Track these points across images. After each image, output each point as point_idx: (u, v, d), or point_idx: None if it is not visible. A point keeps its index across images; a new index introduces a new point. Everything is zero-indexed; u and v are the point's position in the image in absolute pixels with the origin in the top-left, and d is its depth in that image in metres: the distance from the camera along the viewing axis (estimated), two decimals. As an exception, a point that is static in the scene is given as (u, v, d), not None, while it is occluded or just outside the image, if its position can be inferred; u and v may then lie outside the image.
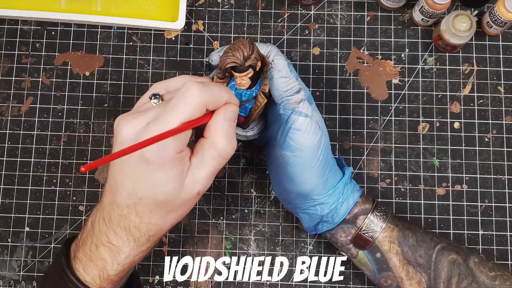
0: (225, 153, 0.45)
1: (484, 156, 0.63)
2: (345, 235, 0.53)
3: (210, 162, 0.44)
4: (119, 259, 0.45)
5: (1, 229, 0.62)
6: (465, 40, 0.61)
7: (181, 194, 0.44)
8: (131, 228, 0.44)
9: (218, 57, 0.52)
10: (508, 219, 0.62)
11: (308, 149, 0.49)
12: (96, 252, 0.45)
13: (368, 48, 0.66)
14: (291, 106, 0.49)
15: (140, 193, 0.43)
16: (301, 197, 0.52)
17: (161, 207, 0.44)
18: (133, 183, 0.43)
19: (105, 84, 0.65)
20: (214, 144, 0.44)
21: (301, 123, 0.49)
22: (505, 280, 0.52)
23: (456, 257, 0.52)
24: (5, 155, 0.64)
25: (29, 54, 0.66)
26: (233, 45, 0.48)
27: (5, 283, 0.61)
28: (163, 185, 0.43)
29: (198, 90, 0.42)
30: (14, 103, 0.65)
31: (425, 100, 0.64)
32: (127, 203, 0.44)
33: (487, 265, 0.52)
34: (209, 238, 0.62)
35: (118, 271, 0.45)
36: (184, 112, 0.42)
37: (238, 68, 0.48)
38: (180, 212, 0.46)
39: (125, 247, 0.45)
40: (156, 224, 0.45)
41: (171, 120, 0.41)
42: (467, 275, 0.52)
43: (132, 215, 0.44)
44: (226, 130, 0.44)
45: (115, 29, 0.67)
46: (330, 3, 0.67)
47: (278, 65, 0.49)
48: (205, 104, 0.43)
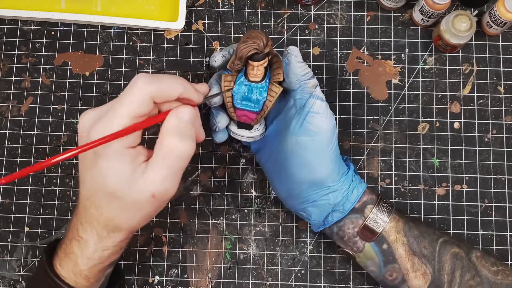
0: (179, 153, 0.44)
1: (484, 156, 0.63)
2: (353, 226, 0.53)
3: (162, 162, 0.43)
4: (87, 253, 0.46)
5: (1, 229, 0.62)
6: (465, 40, 0.61)
7: (131, 190, 0.43)
8: (93, 220, 0.45)
9: (221, 56, 0.53)
10: (508, 219, 0.62)
11: (325, 133, 0.51)
12: (70, 246, 0.47)
13: (368, 48, 0.66)
14: (309, 89, 0.51)
15: (95, 185, 0.44)
16: (314, 186, 0.52)
17: (114, 200, 0.44)
18: (90, 175, 0.44)
19: (105, 84, 0.65)
20: (166, 144, 0.44)
21: (319, 106, 0.51)
22: (507, 275, 0.52)
23: (458, 250, 0.53)
24: (5, 155, 0.64)
25: (29, 54, 0.66)
26: (249, 34, 0.50)
27: (5, 283, 0.61)
28: (110, 177, 0.43)
29: (145, 82, 0.43)
30: (14, 103, 0.65)
31: (425, 100, 0.64)
32: (87, 195, 0.45)
33: (489, 260, 0.53)
34: (209, 238, 0.62)
35: (89, 266, 0.47)
36: (130, 105, 0.42)
37: (257, 56, 0.50)
38: (139, 214, 0.45)
39: (90, 240, 0.46)
40: (113, 219, 0.45)
41: (118, 114, 0.42)
42: (469, 269, 0.52)
43: (92, 207, 0.45)
44: (178, 129, 0.44)
45: (115, 29, 0.67)
46: (330, 3, 0.67)
47: (293, 50, 0.52)
48: (152, 95, 0.43)
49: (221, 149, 0.64)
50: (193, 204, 0.63)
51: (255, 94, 0.52)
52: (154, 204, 0.45)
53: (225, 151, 0.64)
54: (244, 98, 0.52)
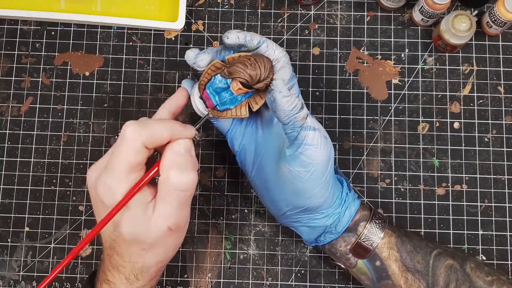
0: (182, 185, 0.44)
1: (484, 156, 0.63)
2: (345, 244, 0.53)
3: (169, 198, 0.45)
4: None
5: (1, 229, 0.62)
6: (465, 40, 0.61)
7: (149, 232, 0.45)
8: (118, 266, 0.47)
9: (236, 37, 0.49)
10: (508, 219, 0.62)
11: (321, 163, 0.49)
12: (101, 287, 0.48)
13: (368, 48, 0.66)
14: (300, 123, 0.48)
15: (112, 235, 0.46)
16: (307, 211, 0.51)
17: (135, 246, 0.45)
18: (107, 226, 0.45)
19: (105, 84, 0.65)
20: (167, 180, 0.45)
21: (312, 138, 0.48)
22: (502, 284, 0.52)
23: (452, 262, 0.52)
24: (5, 155, 0.64)
25: (29, 54, 0.66)
26: (255, 60, 0.47)
27: (5, 283, 0.61)
28: (125, 226, 0.45)
29: (135, 131, 0.44)
30: (14, 103, 0.65)
31: (425, 100, 0.64)
32: (107, 245, 0.47)
33: (483, 270, 0.52)
34: (209, 238, 0.62)
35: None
36: (125, 156, 0.44)
37: (245, 84, 0.48)
38: (161, 249, 0.47)
39: (120, 284, 0.47)
40: (137, 262, 0.46)
41: (116, 168, 0.44)
42: (464, 281, 0.51)
43: (114, 255, 0.46)
44: (176, 162, 0.45)
45: (115, 29, 0.67)
46: (330, 3, 0.67)
47: (277, 86, 0.48)
48: (144, 143, 0.44)
49: (221, 149, 0.64)
50: (193, 204, 0.63)
51: (227, 96, 0.50)
52: (173, 235, 0.46)
53: (225, 151, 0.64)
54: (216, 91, 0.50)
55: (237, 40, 0.49)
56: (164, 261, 0.48)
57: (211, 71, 0.50)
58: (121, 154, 0.44)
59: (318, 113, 0.64)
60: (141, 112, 0.65)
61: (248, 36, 0.49)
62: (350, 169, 0.63)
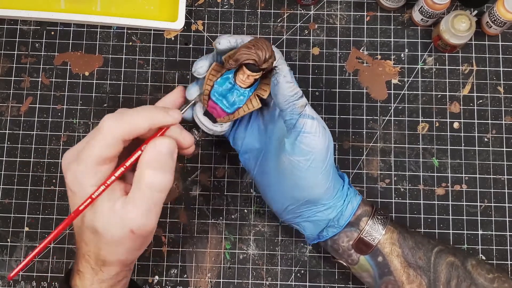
0: (155, 185, 0.43)
1: (483, 156, 0.63)
2: (348, 239, 0.53)
3: (140, 197, 0.43)
4: (86, 285, 0.47)
5: (1, 229, 0.62)
6: (464, 40, 0.61)
7: (111, 229, 0.44)
8: (85, 255, 0.46)
9: (228, 42, 0.50)
10: (508, 219, 0.62)
11: (320, 151, 0.49)
12: (73, 279, 0.48)
13: (367, 48, 0.66)
14: (298, 110, 0.49)
15: (78, 222, 0.46)
16: (309, 204, 0.51)
17: (95, 236, 0.45)
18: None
19: (105, 84, 0.65)
20: (145, 178, 0.43)
21: (310, 126, 0.49)
22: (503, 282, 0.52)
23: (454, 259, 0.52)
24: (4, 155, 0.64)
25: (28, 54, 0.66)
26: (256, 42, 0.48)
27: (5, 283, 0.61)
28: (88, 215, 0.45)
29: (112, 122, 0.43)
30: (13, 103, 0.65)
31: (424, 100, 0.64)
32: (76, 231, 0.47)
33: (484, 267, 0.52)
34: (208, 238, 0.62)
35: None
36: (98, 150, 0.43)
37: (253, 67, 0.48)
38: (121, 249, 0.45)
39: (87, 273, 0.47)
40: (100, 254, 0.46)
41: (87, 157, 0.43)
42: (465, 278, 0.51)
43: (82, 243, 0.46)
44: (157, 162, 0.44)
45: (115, 29, 0.67)
46: (330, 3, 0.67)
47: (283, 70, 0.49)
48: (121, 135, 0.43)
49: (220, 149, 0.64)
50: (193, 204, 0.63)
51: (234, 96, 0.50)
52: (135, 239, 0.45)
53: (225, 151, 0.64)
54: (222, 94, 0.50)
55: (228, 44, 0.49)
56: (125, 261, 0.47)
57: (212, 76, 0.50)
58: (94, 147, 0.43)
59: (318, 113, 0.63)
60: (141, 112, 0.65)
61: (239, 39, 0.50)
62: (349, 169, 0.63)
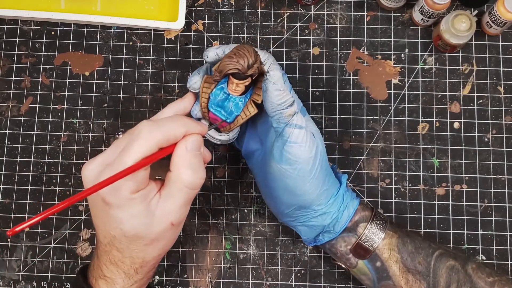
0: (192, 184, 0.45)
1: (483, 156, 0.63)
2: (345, 244, 0.53)
3: (178, 194, 0.45)
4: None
5: (1, 229, 0.62)
6: (464, 40, 0.61)
7: (152, 227, 0.45)
8: (117, 262, 0.47)
9: (215, 54, 0.50)
10: (508, 219, 0.62)
11: (306, 161, 0.49)
12: (96, 284, 0.48)
13: (367, 48, 0.66)
14: (285, 119, 0.48)
15: (112, 232, 0.46)
16: (301, 209, 0.52)
17: (136, 241, 0.46)
18: (103, 224, 0.46)
19: (105, 84, 0.65)
20: (178, 176, 0.45)
21: (297, 136, 0.48)
22: (503, 285, 0.52)
23: (454, 263, 0.52)
24: (4, 155, 0.64)
25: (28, 54, 0.66)
26: (238, 50, 0.47)
27: (5, 283, 0.61)
28: (128, 223, 0.45)
29: (150, 132, 0.44)
30: (13, 103, 0.65)
31: (424, 100, 0.64)
32: (106, 241, 0.47)
33: (485, 271, 0.52)
34: (208, 238, 0.62)
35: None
36: (137, 155, 0.43)
37: (238, 75, 0.48)
38: (161, 243, 0.47)
39: (118, 278, 0.47)
40: (138, 257, 0.47)
41: (128, 162, 0.43)
42: (465, 282, 0.51)
43: (113, 250, 0.46)
44: (189, 161, 0.45)
45: (115, 29, 0.67)
46: (330, 3, 0.67)
47: (273, 77, 0.48)
48: (158, 144, 0.44)
49: (221, 149, 0.64)
50: (193, 204, 0.63)
51: (231, 105, 0.50)
52: (174, 230, 0.47)
53: (225, 151, 0.64)
54: (219, 104, 0.50)
55: (216, 56, 0.50)
56: (161, 255, 0.49)
57: (205, 89, 0.51)
58: (133, 152, 0.43)
59: (318, 113, 0.64)
60: (141, 112, 0.65)
61: (226, 49, 0.50)
62: (350, 169, 0.63)
